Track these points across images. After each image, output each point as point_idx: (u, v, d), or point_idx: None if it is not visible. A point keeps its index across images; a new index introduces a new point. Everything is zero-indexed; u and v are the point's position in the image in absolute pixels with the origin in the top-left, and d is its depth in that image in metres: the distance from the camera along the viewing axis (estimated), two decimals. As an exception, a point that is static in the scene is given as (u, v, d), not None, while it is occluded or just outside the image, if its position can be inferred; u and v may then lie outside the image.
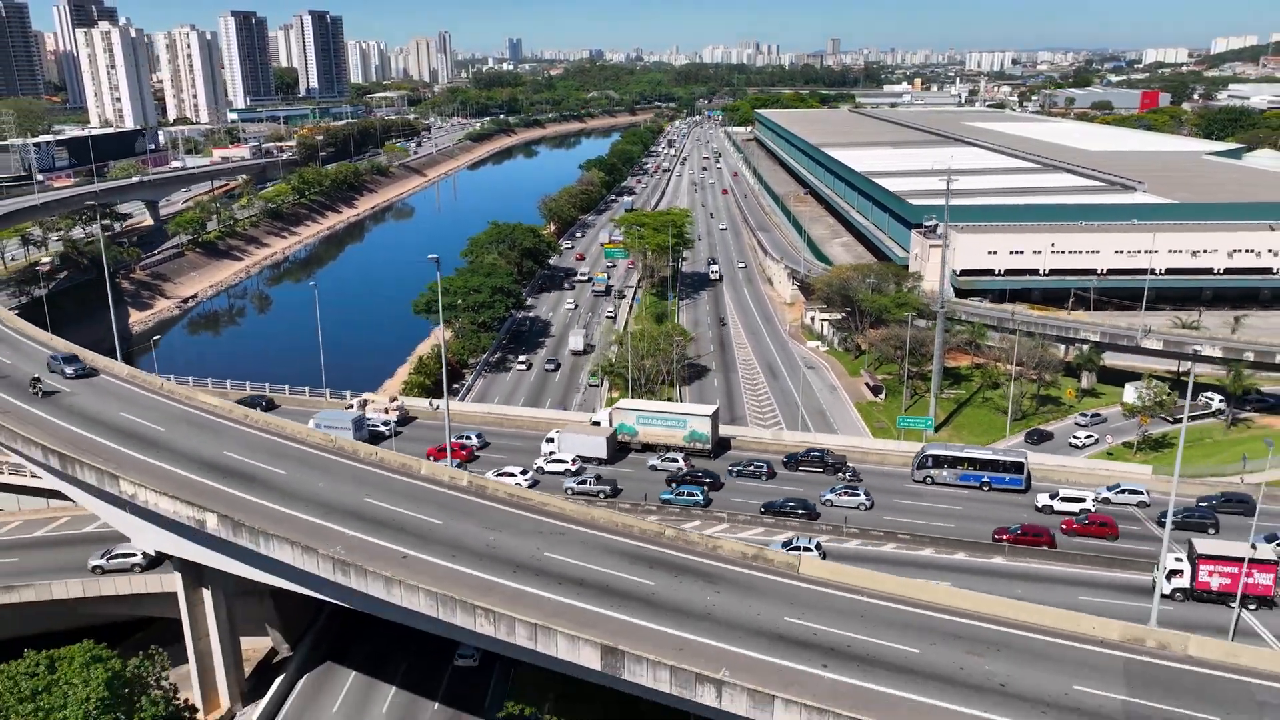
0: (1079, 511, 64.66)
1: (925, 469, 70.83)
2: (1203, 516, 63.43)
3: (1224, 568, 53.19)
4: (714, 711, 37.20)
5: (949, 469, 70.10)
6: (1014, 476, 69.12)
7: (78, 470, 54.45)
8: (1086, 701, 36.79)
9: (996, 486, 69.08)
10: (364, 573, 43.50)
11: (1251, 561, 52.40)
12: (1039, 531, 61.30)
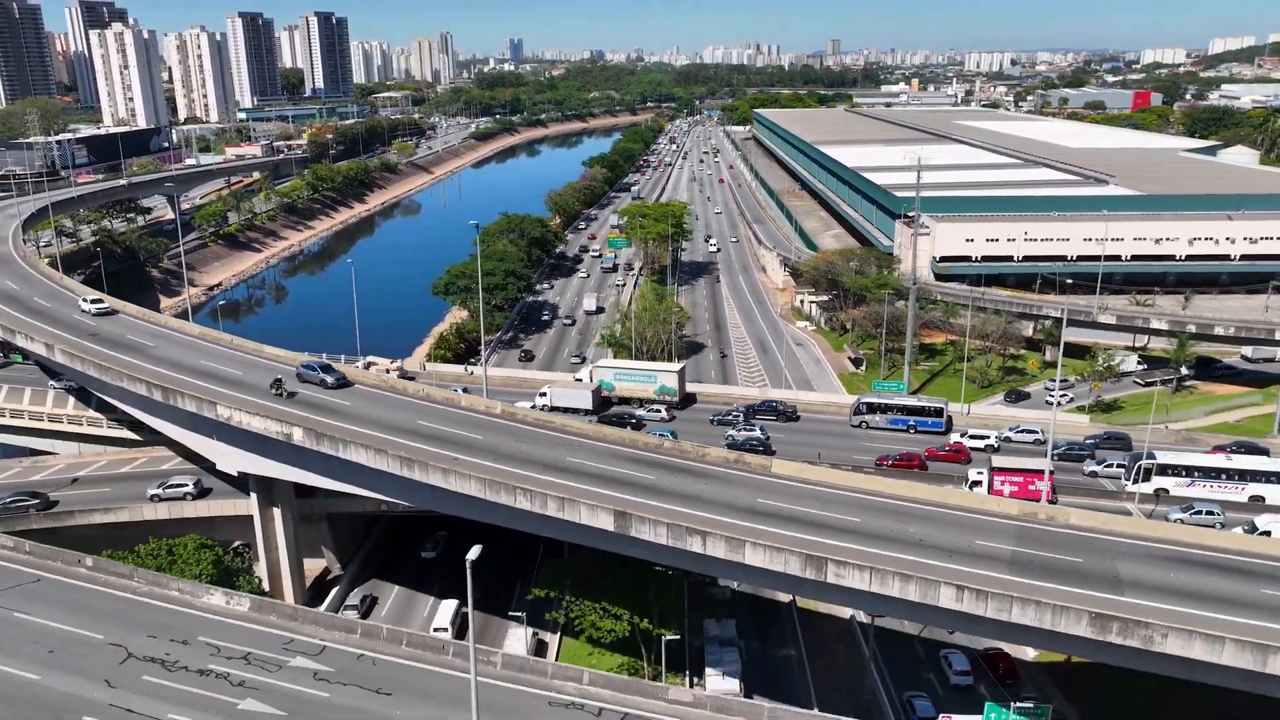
0: (984, 447, 77.11)
1: (860, 415, 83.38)
2: (1081, 449, 76.12)
3: (1013, 478, 68.41)
4: (700, 557, 49.07)
5: (881, 414, 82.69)
6: (935, 420, 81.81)
7: (178, 400, 66.26)
8: (984, 551, 48.65)
9: (921, 429, 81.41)
10: (425, 467, 55.35)
11: (1029, 472, 67.97)
12: (911, 458, 74.88)
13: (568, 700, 42.64)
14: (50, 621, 47.68)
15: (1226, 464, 70.31)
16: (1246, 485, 68.73)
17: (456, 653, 45.50)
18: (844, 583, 45.53)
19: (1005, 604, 42.99)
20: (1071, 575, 46.12)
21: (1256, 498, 68.00)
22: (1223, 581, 45.74)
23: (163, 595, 50.79)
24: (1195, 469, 69.45)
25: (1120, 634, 41.24)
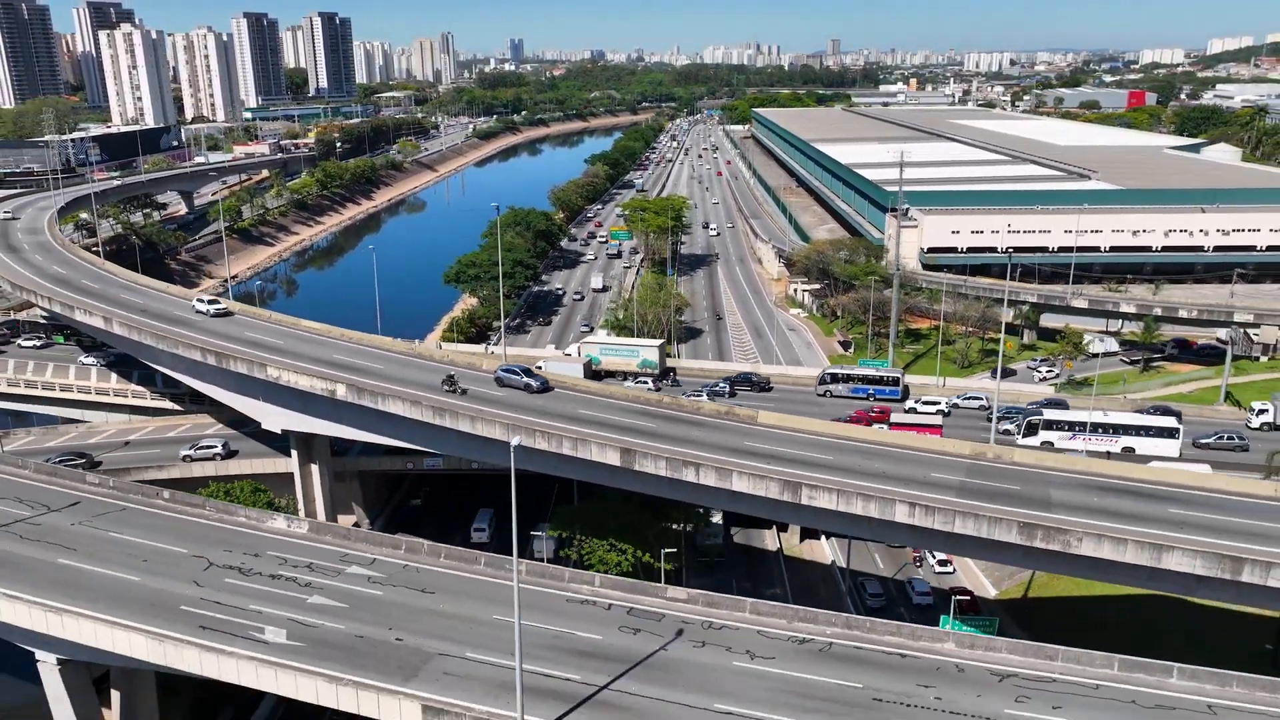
0: (935, 412, 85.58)
1: (825, 384, 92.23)
2: (1020, 412, 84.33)
3: (908, 432, 76.10)
4: (695, 487, 57.52)
5: (843, 384, 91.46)
6: (892, 389, 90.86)
7: (231, 363, 74.72)
8: (937, 481, 57.09)
9: (879, 397, 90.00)
10: (455, 415, 63.81)
11: (924, 426, 77.70)
12: (884, 410, 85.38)
13: (582, 598, 51.01)
14: (140, 539, 56.10)
15: (1103, 419, 79.49)
16: (1120, 438, 78.22)
17: (488, 563, 53.84)
18: (816, 503, 54.01)
19: (950, 518, 51.45)
20: (1009, 498, 54.58)
21: (1128, 449, 77.35)
22: (1134, 503, 54.20)
23: (232, 521, 59.18)
24: (1076, 424, 78.11)
25: (1044, 539, 49.69)
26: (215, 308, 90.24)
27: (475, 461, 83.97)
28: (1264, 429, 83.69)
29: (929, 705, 42.81)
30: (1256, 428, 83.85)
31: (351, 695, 42.09)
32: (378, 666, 44.04)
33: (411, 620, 48.17)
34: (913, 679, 44.77)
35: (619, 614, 49.50)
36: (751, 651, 46.53)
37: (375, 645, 45.94)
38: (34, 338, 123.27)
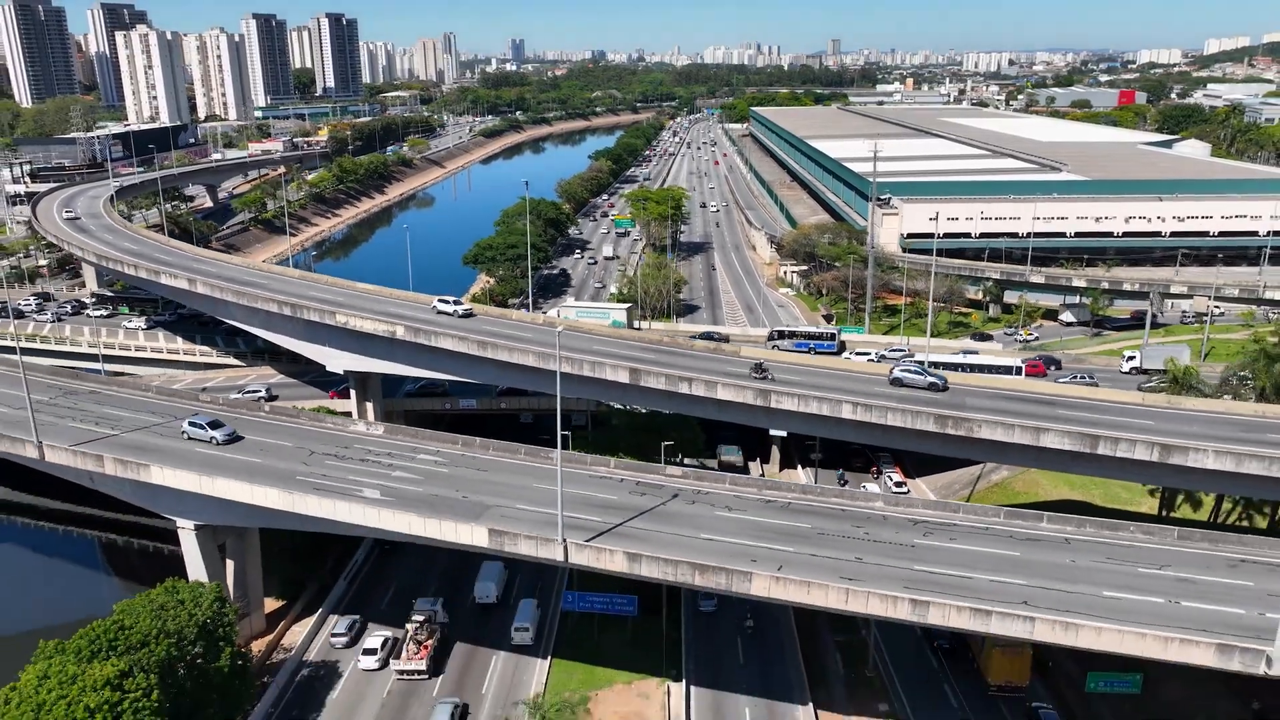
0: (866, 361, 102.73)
1: (774, 340, 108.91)
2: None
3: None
4: (687, 398, 73.46)
5: (789, 339, 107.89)
6: (829, 343, 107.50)
7: (304, 312, 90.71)
8: (878, 393, 73.10)
9: (819, 351, 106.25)
10: (495, 347, 79.93)
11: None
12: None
13: (601, 475, 66.97)
14: (255, 437, 72.07)
15: (956, 359, 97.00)
16: (972, 375, 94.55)
17: (527, 453, 69.79)
18: (781, 406, 70.15)
19: (883, 413, 67.52)
20: (933, 403, 70.58)
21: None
22: (1029, 406, 70.26)
23: (322, 426, 75.14)
24: (937, 364, 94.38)
25: (953, 427, 65.73)
26: (461, 309, 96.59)
27: (504, 403, 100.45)
28: (1132, 373, 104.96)
29: (859, 538, 58.85)
30: (1126, 372, 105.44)
31: (436, 526, 58.05)
32: (451, 511, 60.03)
33: (472, 486, 64.20)
34: (850, 523, 60.83)
35: (629, 484, 65.53)
36: (729, 506, 62.58)
37: (447, 500, 61.94)
38: (101, 308, 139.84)
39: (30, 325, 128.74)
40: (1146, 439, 63.20)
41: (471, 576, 77.33)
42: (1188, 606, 51.85)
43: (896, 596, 50.71)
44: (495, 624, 73.04)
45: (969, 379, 77.75)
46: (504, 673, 68.01)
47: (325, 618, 74.06)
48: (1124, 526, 60.36)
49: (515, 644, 69.93)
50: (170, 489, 64.48)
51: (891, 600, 50.62)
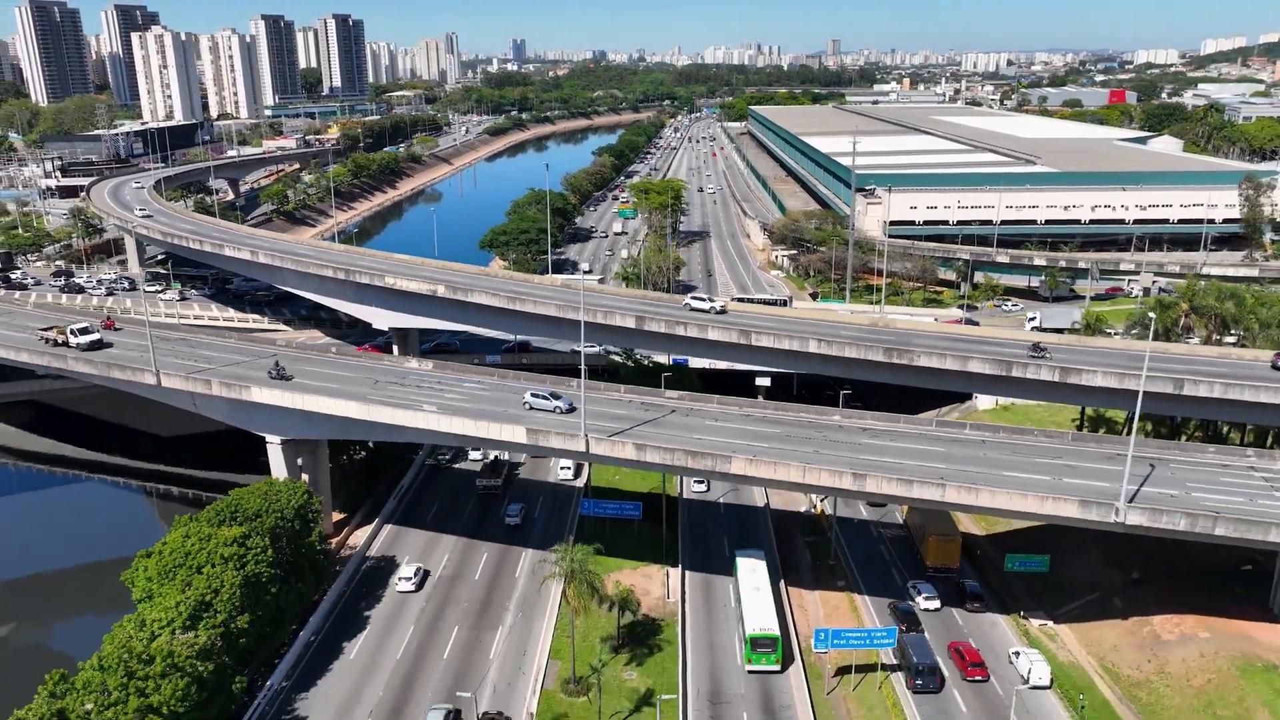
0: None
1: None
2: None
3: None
4: (683, 339, 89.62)
5: (748, 304, 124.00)
6: (783, 305, 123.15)
7: (356, 275, 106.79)
8: (844, 334, 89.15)
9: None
10: (524, 300, 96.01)
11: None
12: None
13: (614, 397, 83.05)
14: (327, 369, 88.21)
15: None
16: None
17: (553, 383, 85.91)
18: (760, 343, 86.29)
19: (842, 347, 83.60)
20: (884, 340, 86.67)
21: None
22: (967, 345, 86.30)
23: (381, 363, 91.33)
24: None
25: (899, 356, 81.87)
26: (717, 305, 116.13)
27: (525, 358, 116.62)
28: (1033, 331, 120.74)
29: (819, 439, 75.00)
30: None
31: (485, 428, 74.14)
32: (495, 419, 76.10)
33: (509, 405, 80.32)
34: (812, 430, 77.03)
35: (636, 404, 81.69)
36: (716, 419, 78.79)
37: (491, 412, 78.03)
38: (155, 284, 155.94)
39: (93, 300, 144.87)
40: (1050, 364, 79.40)
41: (497, 504, 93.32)
42: (1068, 482, 67.99)
43: (841, 472, 66.86)
44: (518, 539, 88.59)
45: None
46: (531, 563, 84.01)
47: (381, 526, 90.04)
48: (1030, 432, 76.64)
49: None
50: (264, 405, 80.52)
51: (837, 474, 66.74)
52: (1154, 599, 73.88)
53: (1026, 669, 67.69)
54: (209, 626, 62.03)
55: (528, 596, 79.63)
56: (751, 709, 65.71)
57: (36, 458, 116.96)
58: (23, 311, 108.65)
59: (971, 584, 79.12)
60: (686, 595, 78.58)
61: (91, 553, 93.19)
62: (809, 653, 70.33)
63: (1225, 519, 61.99)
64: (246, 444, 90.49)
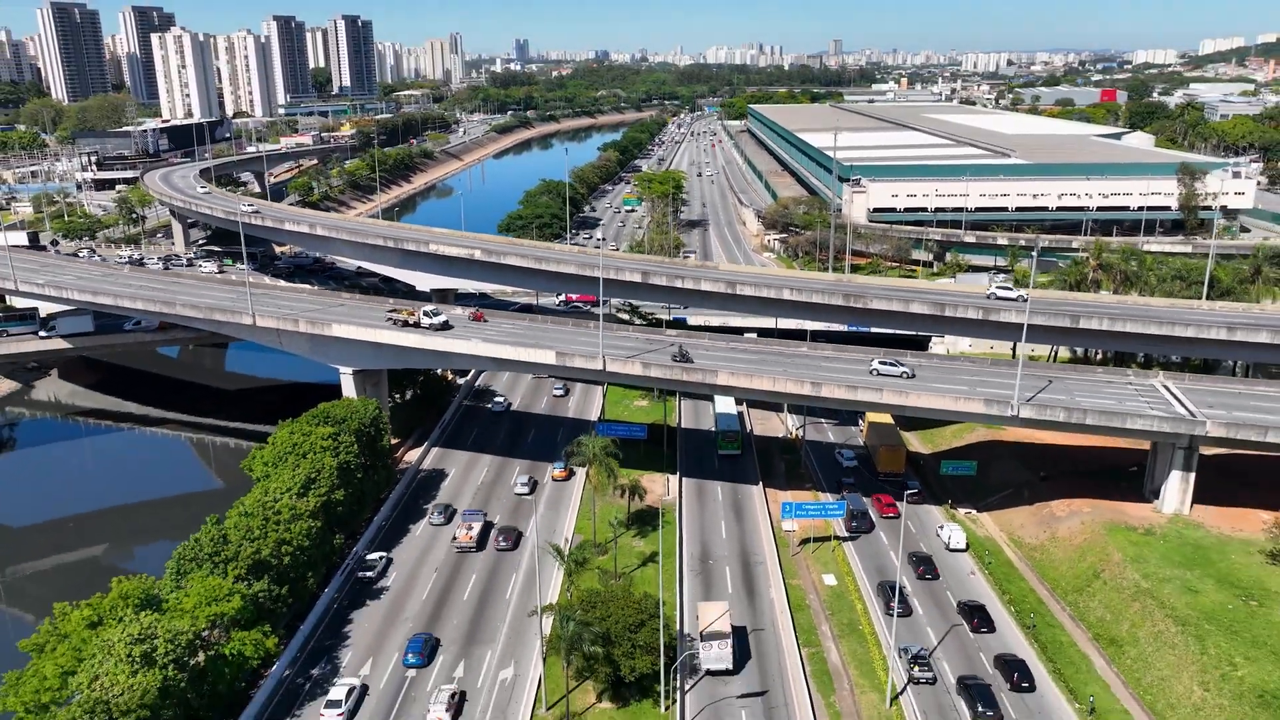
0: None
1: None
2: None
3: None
4: (681, 290, 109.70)
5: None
6: None
7: (403, 244, 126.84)
8: (817, 286, 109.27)
9: None
10: (549, 261, 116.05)
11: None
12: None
13: (624, 335, 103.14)
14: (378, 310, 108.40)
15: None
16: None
17: (575, 322, 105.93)
18: (744, 293, 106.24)
19: (810, 294, 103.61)
20: (845, 289, 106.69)
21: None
22: (910, 293, 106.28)
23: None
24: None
25: (855, 300, 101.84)
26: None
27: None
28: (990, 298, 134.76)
29: (787, 362, 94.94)
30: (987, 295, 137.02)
31: (521, 352, 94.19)
32: (526, 345, 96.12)
33: (540, 338, 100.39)
34: (784, 357, 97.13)
35: (642, 340, 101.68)
36: (707, 348, 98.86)
37: (525, 342, 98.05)
38: (208, 261, 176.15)
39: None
40: (977, 305, 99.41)
41: (526, 435, 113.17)
42: (980, 390, 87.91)
43: (803, 381, 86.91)
44: (543, 457, 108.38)
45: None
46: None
47: (429, 449, 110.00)
48: (957, 359, 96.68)
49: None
50: (339, 339, 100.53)
51: (800, 383, 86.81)
52: (1056, 491, 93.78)
53: (947, 537, 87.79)
54: (315, 495, 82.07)
55: (553, 496, 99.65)
56: (733, 563, 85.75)
57: (99, 414, 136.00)
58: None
59: (912, 482, 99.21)
60: (683, 491, 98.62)
61: (150, 493, 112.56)
62: (779, 528, 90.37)
63: (1093, 412, 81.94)
64: (279, 402, 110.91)
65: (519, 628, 75.94)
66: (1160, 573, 76.55)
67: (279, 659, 70.71)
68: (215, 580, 67.59)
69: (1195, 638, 68.37)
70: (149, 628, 60.11)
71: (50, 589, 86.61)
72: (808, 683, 68.91)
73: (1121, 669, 70.38)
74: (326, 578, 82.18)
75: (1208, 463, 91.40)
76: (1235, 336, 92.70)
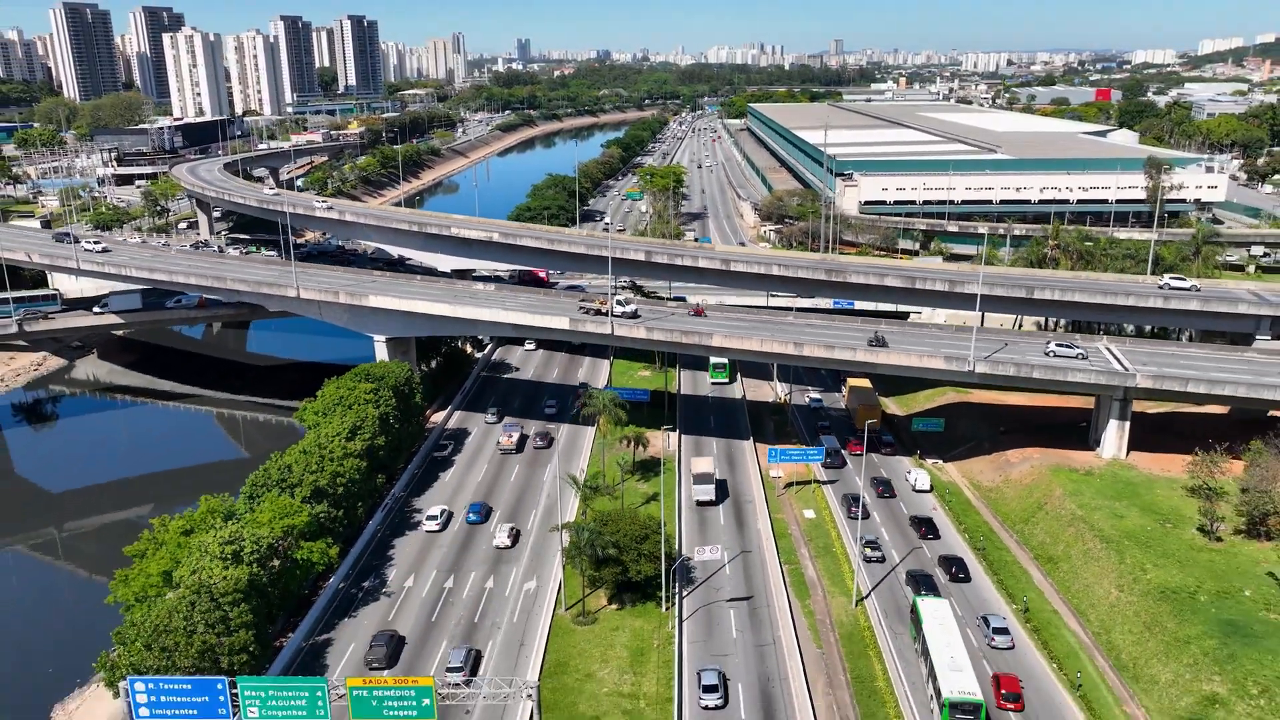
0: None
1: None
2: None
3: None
4: (680, 268, 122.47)
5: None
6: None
7: (426, 227, 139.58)
8: (802, 262, 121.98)
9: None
10: (561, 241, 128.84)
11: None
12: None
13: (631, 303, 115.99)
14: (413, 287, 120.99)
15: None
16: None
17: (583, 297, 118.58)
18: (735, 269, 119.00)
19: (795, 269, 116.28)
20: (827, 265, 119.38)
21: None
22: (886, 269, 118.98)
23: (454, 285, 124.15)
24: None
25: (836, 275, 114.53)
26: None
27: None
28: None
29: (775, 327, 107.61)
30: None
31: (538, 319, 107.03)
32: (543, 313, 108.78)
33: (554, 308, 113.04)
34: (772, 323, 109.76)
35: (647, 309, 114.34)
36: (705, 317, 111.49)
37: (540, 310, 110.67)
38: (239, 248, 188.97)
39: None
40: (943, 279, 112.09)
41: (541, 400, 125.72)
42: (943, 350, 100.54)
43: (787, 342, 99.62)
44: (556, 419, 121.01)
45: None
46: (568, 432, 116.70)
47: (453, 411, 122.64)
48: (924, 325, 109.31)
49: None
50: (374, 309, 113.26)
51: (784, 343, 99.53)
52: (1012, 443, 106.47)
53: (914, 479, 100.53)
54: (361, 439, 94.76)
55: (565, 450, 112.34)
56: (725, 502, 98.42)
57: (134, 390, 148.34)
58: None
59: (886, 436, 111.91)
60: (681, 444, 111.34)
61: (184, 461, 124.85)
62: (768, 475, 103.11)
63: (1040, 367, 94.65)
64: (299, 380, 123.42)
65: (540, 548, 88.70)
66: (1093, 503, 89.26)
67: (335, 573, 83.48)
68: (285, 499, 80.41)
69: (1116, 552, 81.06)
70: (236, 533, 72.86)
71: (103, 543, 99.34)
72: (787, 591, 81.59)
73: (1055, 580, 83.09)
74: (371, 511, 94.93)
75: (1148, 420, 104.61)
76: (1170, 305, 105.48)
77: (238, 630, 66.21)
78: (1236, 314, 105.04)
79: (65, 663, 78.07)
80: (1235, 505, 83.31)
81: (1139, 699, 67.75)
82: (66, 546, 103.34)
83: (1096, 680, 70.12)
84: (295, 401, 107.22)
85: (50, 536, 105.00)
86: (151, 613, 65.80)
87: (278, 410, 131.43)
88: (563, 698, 68.23)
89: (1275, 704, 62.32)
